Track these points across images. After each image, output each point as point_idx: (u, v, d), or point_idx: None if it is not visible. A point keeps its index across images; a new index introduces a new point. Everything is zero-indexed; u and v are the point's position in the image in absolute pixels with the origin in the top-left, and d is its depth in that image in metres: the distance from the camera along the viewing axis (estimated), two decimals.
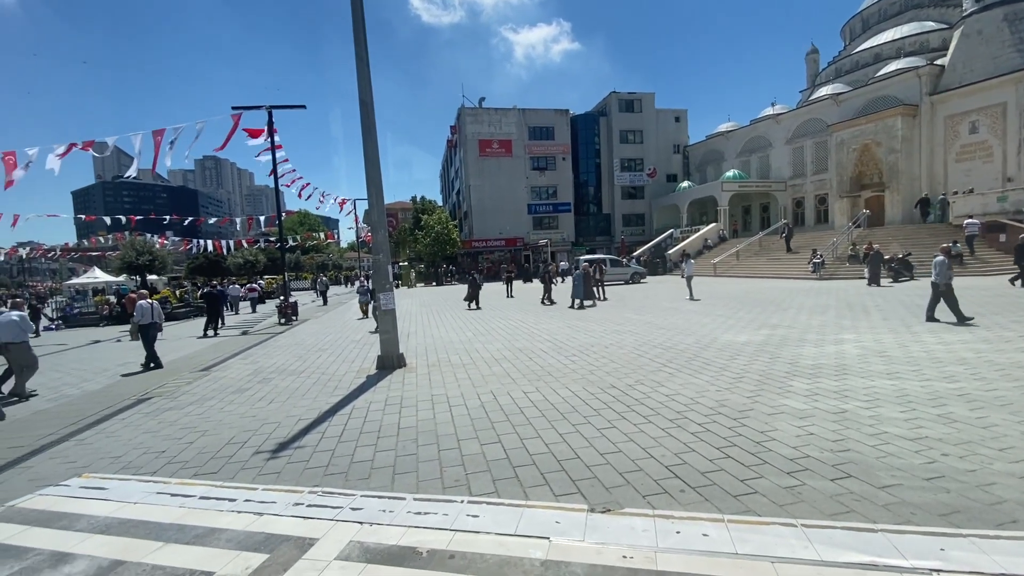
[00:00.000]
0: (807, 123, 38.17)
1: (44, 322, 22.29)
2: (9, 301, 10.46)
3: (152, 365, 10.21)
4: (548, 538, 3.05)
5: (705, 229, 38.75)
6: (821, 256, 24.11)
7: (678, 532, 3.06)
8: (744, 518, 3.23)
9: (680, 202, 45.49)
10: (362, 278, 19.65)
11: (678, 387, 6.49)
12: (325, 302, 26.86)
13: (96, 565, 3.04)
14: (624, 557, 2.83)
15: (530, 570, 2.75)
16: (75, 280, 33.40)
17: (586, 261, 26.76)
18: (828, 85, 41.28)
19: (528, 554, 2.90)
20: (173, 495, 4.01)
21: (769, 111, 44.80)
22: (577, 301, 17.13)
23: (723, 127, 48.65)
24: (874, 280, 18.98)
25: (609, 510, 3.40)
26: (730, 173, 42.18)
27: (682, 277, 19.35)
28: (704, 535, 3.01)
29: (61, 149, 11.76)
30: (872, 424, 4.83)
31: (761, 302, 15.62)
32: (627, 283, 28.40)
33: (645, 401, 5.95)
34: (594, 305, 17.61)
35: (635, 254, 39.16)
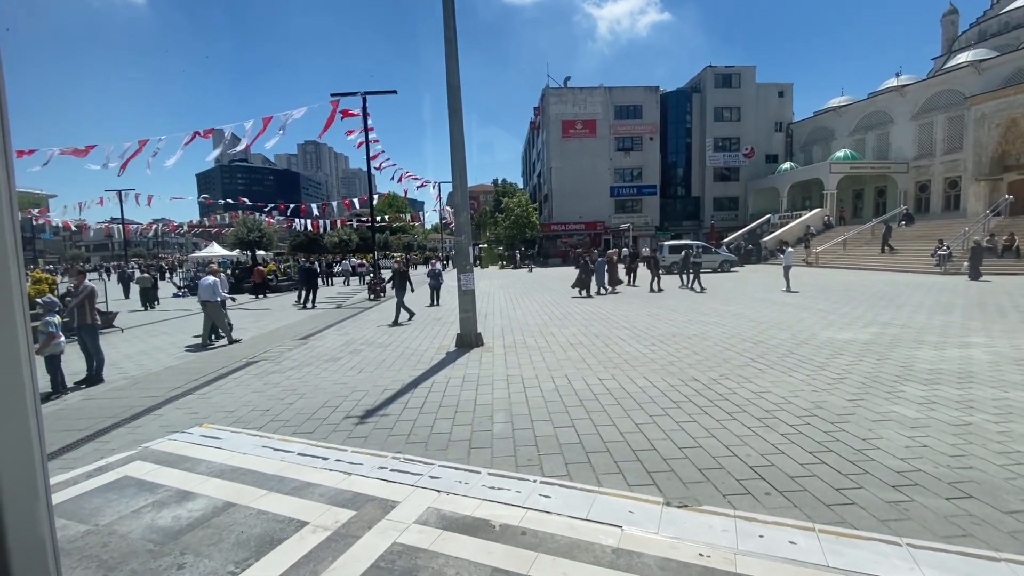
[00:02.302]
0: (939, 95, 33.45)
1: (172, 289, 25.44)
2: (207, 268, 12.36)
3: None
4: (620, 527, 3.01)
5: (808, 215, 35.53)
6: (948, 248, 21.25)
7: (761, 536, 2.89)
8: (838, 529, 2.98)
9: (780, 185, 42.03)
10: (433, 261, 18.68)
11: (768, 384, 6.08)
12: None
13: (212, 505, 3.45)
14: (700, 555, 2.72)
15: (601, 556, 2.74)
16: (197, 254, 37.66)
17: (670, 247, 25.74)
18: (968, 51, 35.81)
19: (599, 540, 2.88)
20: (275, 449, 4.44)
21: (892, 82, 39.80)
22: (604, 288, 18.16)
23: (834, 102, 44.01)
24: (975, 274, 17.89)
25: (686, 505, 3.28)
26: (840, 153, 38.19)
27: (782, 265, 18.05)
28: (791, 542, 2.82)
29: (187, 137, 13.21)
30: (1001, 441, 4.22)
31: (870, 297, 14.13)
32: (715, 271, 26.91)
33: (730, 397, 5.64)
34: (616, 292, 18.13)
35: (726, 240, 36.94)
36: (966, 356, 7.17)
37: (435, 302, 15.95)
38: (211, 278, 10.32)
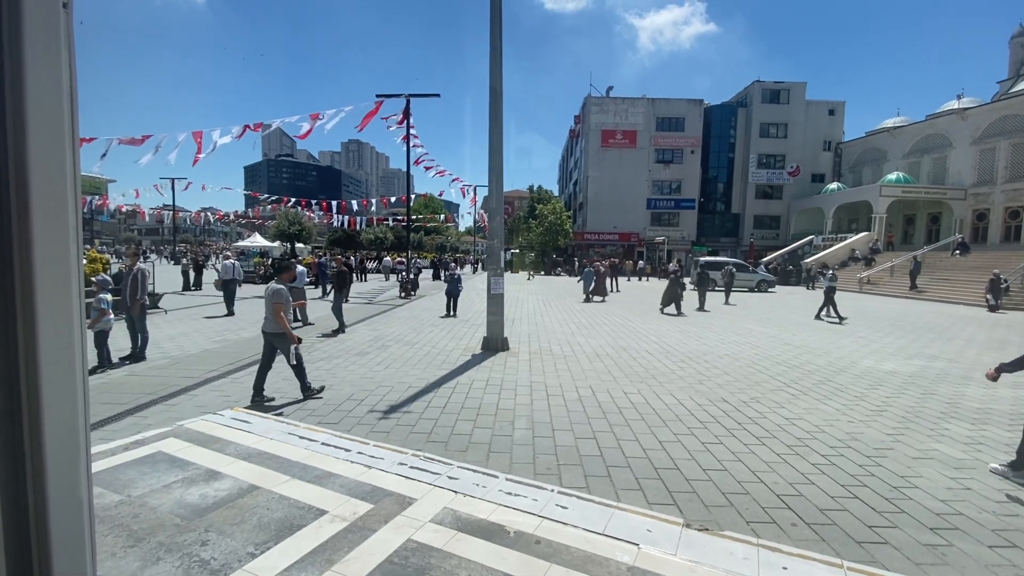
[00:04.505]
0: (1005, 119, 31.69)
1: (214, 276, 26.28)
2: (293, 259, 13.16)
3: (231, 313, 12.83)
4: (637, 545, 2.95)
5: (854, 238, 34.19)
6: (1006, 281, 20.06)
7: (785, 568, 2.77)
8: (870, 569, 2.83)
9: (825, 206, 40.56)
10: (452, 264, 16.96)
11: (801, 411, 5.86)
12: (416, 286, 23.14)
13: (238, 486, 3.56)
14: None
15: (615, 573, 2.68)
16: (240, 243, 39.03)
17: (704, 264, 25.19)
18: None
19: (614, 556, 2.83)
20: (301, 437, 4.55)
21: (953, 104, 38.00)
22: (594, 296, 19.31)
23: (889, 122, 42.36)
24: (995, 306, 18.53)
25: (707, 529, 3.19)
26: (893, 176, 36.60)
27: (811, 288, 17.40)
28: None
29: (238, 130, 13.76)
30: None
31: (917, 328, 13.47)
32: (752, 291, 26.17)
33: (760, 421, 5.46)
34: (603, 301, 19.11)
35: (764, 260, 35.92)
36: (1019, 397, 6.75)
37: (452, 312, 13.92)
38: (300, 267, 11.66)
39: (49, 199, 0.73)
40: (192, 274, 21.00)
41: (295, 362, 5.72)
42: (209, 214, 57.90)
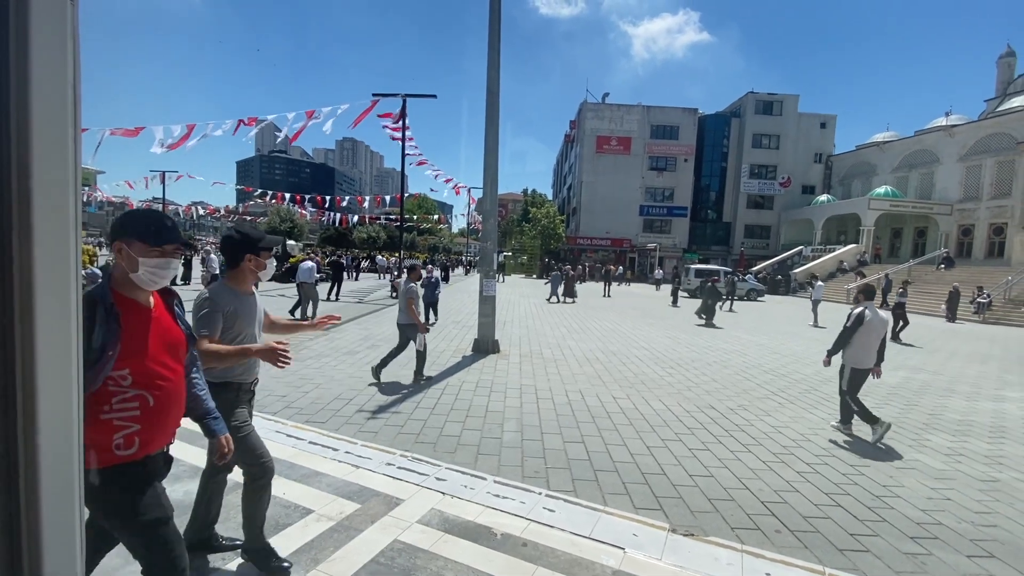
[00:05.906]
0: (990, 138, 32.34)
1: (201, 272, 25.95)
2: (309, 253, 12.94)
3: None
4: (623, 549, 2.96)
5: (842, 250, 34.67)
6: (988, 296, 20.45)
7: (768, 574, 2.81)
8: None
9: (815, 217, 41.09)
10: (430, 267, 15.37)
11: (787, 419, 5.93)
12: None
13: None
14: None
15: None
16: None
17: (696, 271, 25.35)
18: None
19: (600, 560, 2.84)
20: (288, 436, 4.52)
21: (941, 121, 38.67)
22: (555, 297, 20.28)
23: (878, 137, 43.00)
24: (951, 317, 19.96)
25: (692, 534, 3.22)
26: (881, 190, 37.19)
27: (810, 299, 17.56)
28: None
29: (231, 124, 13.67)
30: None
31: (901, 338, 13.65)
32: (741, 299, 26.39)
33: (747, 428, 5.52)
34: (573, 302, 20.03)
35: (754, 269, 36.25)
36: (999, 410, 6.88)
37: (434, 318, 12.93)
38: (310, 263, 12.02)
39: (51, 190, 0.73)
40: (182, 268, 20.71)
41: (421, 348, 6.66)
42: (200, 208, 57.38)
